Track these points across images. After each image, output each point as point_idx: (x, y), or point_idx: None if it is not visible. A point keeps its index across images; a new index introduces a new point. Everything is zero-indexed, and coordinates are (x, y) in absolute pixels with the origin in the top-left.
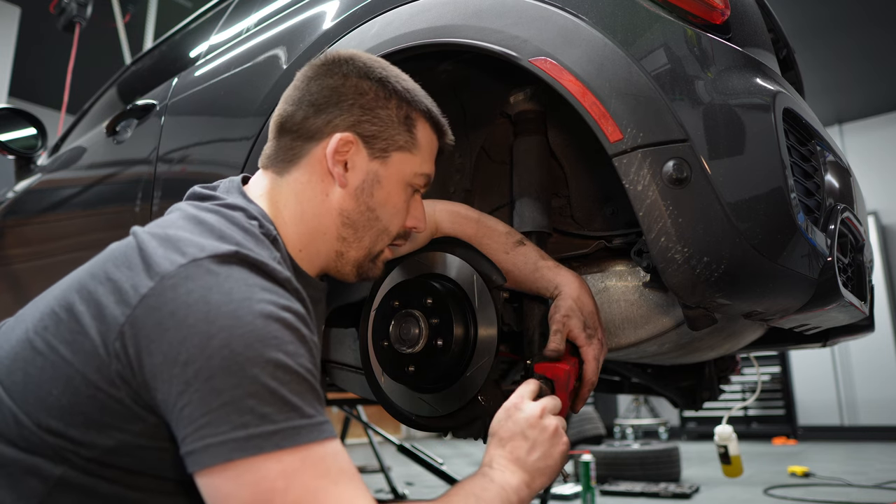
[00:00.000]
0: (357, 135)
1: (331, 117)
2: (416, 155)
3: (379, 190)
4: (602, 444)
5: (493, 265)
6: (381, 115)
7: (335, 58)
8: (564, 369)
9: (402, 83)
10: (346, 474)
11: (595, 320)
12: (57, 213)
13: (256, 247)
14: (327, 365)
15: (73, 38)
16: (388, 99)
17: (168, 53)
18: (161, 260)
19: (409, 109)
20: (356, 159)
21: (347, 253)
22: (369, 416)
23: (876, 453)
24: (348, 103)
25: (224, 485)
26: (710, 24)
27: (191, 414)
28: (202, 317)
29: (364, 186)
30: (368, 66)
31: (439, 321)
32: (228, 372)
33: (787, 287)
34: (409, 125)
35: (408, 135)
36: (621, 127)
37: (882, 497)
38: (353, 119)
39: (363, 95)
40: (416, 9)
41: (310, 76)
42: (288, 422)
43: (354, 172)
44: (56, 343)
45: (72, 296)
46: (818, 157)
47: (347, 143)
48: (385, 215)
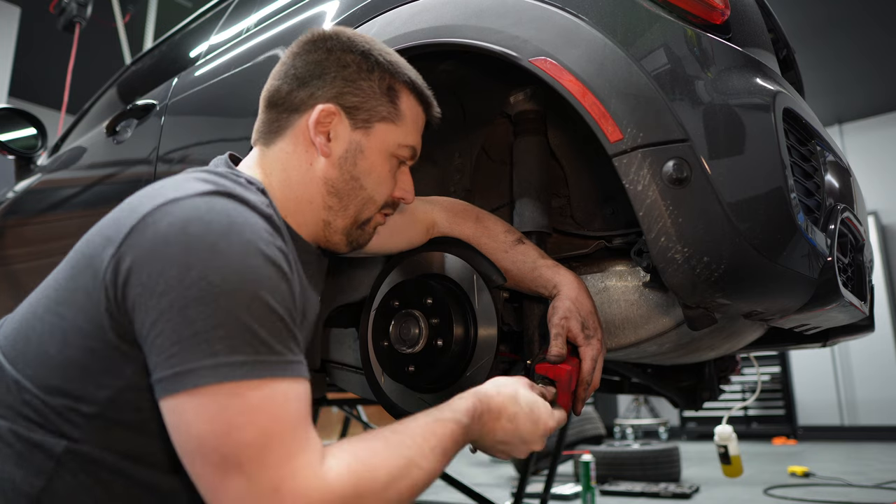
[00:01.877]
0: (339, 106)
1: (314, 90)
2: (400, 126)
3: (362, 160)
4: (602, 444)
5: (492, 265)
6: (363, 87)
7: (320, 34)
8: (566, 370)
9: (385, 56)
10: (302, 422)
11: (593, 320)
12: (57, 213)
13: (244, 191)
14: (327, 365)
15: (73, 38)
16: (371, 71)
17: (168, 53)
18: (144, 203)
19: (392, 80)
20: (339, 129)
21: (334, 222)
22: (369, 416)
23: (876, 453)
24: (331, 76)
25: (186, 412)
26: (710, 24)
27: (162, 343)
28: (182, 248)
29: (347, 156)
30: (352, 40)
31: (439, 321)
32: (203, 302)
33: (787, 287)
34: (392, 96)
35: (391, 105)
36: (621, 127)
37: (882, 497)
38: (336, 91)
39: (346, 68)
40: (416, 9)
41: (295, 52)
42: (257, 355)
43: (337, 142)
44: (54, 307)
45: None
46: (818, 157)
47: (330, 114)
48: (369, 184)
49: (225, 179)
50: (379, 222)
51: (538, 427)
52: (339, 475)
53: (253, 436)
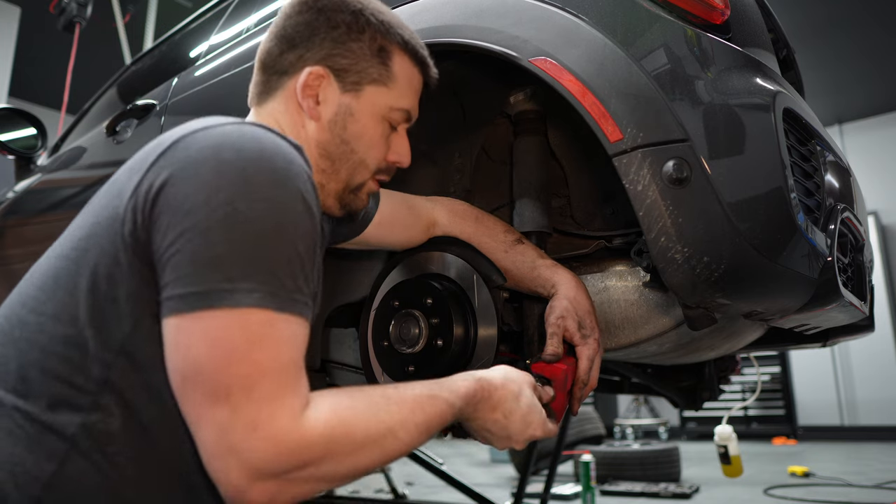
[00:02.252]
0: (328, 68)
1: (303, 51)
2: (392, 88)
3: (353, 123)
4: (602, 444)
5: (492, 265)
6: (353, 48)
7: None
8: (562, 369)
9: (378, 15)
10: (295, 364)
11: (591, 320)
12: (57, 213)
13: None
14: (327, 365)
15: (73, 38)
16: (361, 31)
17: (168, 53)
18: (174, 133)
19: (384, 41)
20: (327, 92)
21: (327, 185)
22: None
23: (876, 453)
24: (320, 37)
25: (190, 334)
26: (710, 24)
27: (178, 261)
28: (213, 171)
29: (337, 119)
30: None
31: (439, 321)
32: (226, 227)
33: (786, 287)
34: (384, 57)
35: (382, 67)
36: (621, 127)
37: (882, 497)
38: (324, 52)
39: (335, 29)
40: (416, 9)
41: (287, 13)
42: (270, 287)
43: (326, 105)
44: (81, 244)
45: (90, 207)
46: (818, 157)
47: (318, 77)
48: (360, 148)
49: None
50: (372, 188)
51: (527, 430)
52: (315, 427)
53: (248, 369)
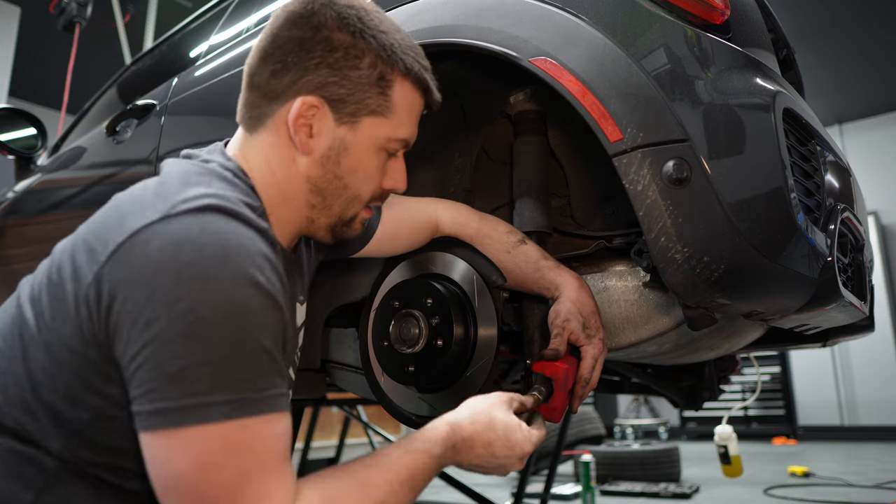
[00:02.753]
0: (323, 98)
1: (296, 77)
2: (391, 119)
3: (347, 157)
4: (602, 444)
5: (493, 265)
6: (351, 76)
7: (307, 4)
8: (563, 368)
9: (380, 37)
10: (279, 460)
11: (595, 320)
12: (57, 213)
13: (233, 192)
14: (327, 365)
15: (73, 38)
16: (360, 57)
17: (168, 53)
18: (132, 217)
19: (385, 68)
20: (322, 125)
21: (318, 219)
22: (369, 416)
23: (876, 453)
24: (315, 62)
25: (164, 450)
26: (710, 24)
27: (142, 376)
28: (172, 276)
29: (330, 154)
30: (343, 15)
31: (439, 321)
32: (189, 337)
33: (787, 287)
34: (384, 86)
35: (381, 97)
36: (621, 127)
37: (882, 497)
38: (320, 80)
39: (332, 52)
40: (416, 9)
41: (279, 25)
42: (240, 394)
43: (320, 139)
44: (43, 310)
45: (55, 264)
46: (818, 157)
47: (312, 108)
48: (354, 182)
49: (216, 178)
50: (364, 217)
51: (514, 451)
52: None
53: (231, 476)
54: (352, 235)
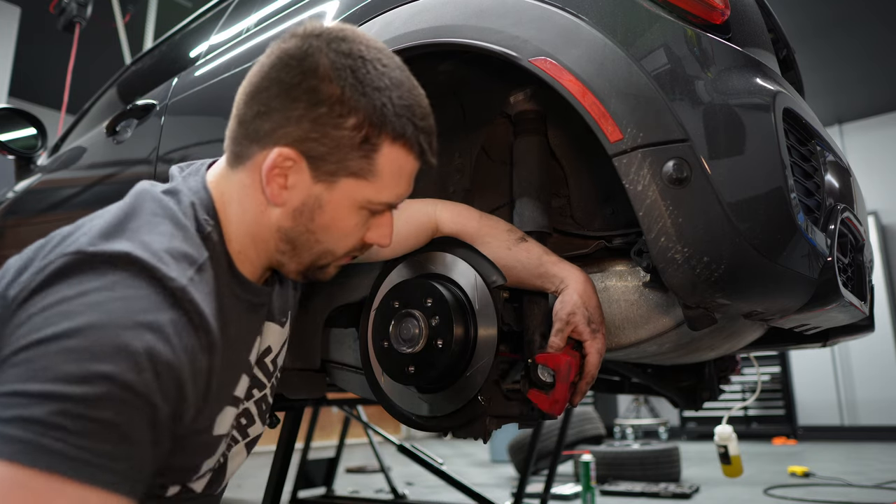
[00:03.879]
0: (301, 153)
1: (276, 125)
2: (373, 182)
3: (321, 214)
4: (602, 444)
5: (493, 265)
6: (333, 136)
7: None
8: (565, 360)
9: (372, 95)
10: None
11: (599, 315)
12: (57, 213)
13: (171, 242)
14: (327, 365)
15: (73, 38)
16: (345, 116)
17: (168, 53)
18: (55, 246)
19: (371, 131)
20: (297, 178)
21: (288, 264)
22: (369, 416)
23: (876, 453)
24: (298, 113)
25: None
26: (710, 24)
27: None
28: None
29: (304, 209)
30: (337, 65)
31: (439, 321)
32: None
33: (787, 287)
34: (368, 150)
35: (364, 160)
36: (621, 127)
37: (882, 497)
38: (300, 134)
39: (317, 106)
40: (417, 9)
41: (273, 61)
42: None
43: (294, 192)
44: None
45: None
46: (818, 157)
47: (288, 160)
48: (328, 239)
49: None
50: (340, 264)
51: None
52: None
53: None
54: (325, 279)
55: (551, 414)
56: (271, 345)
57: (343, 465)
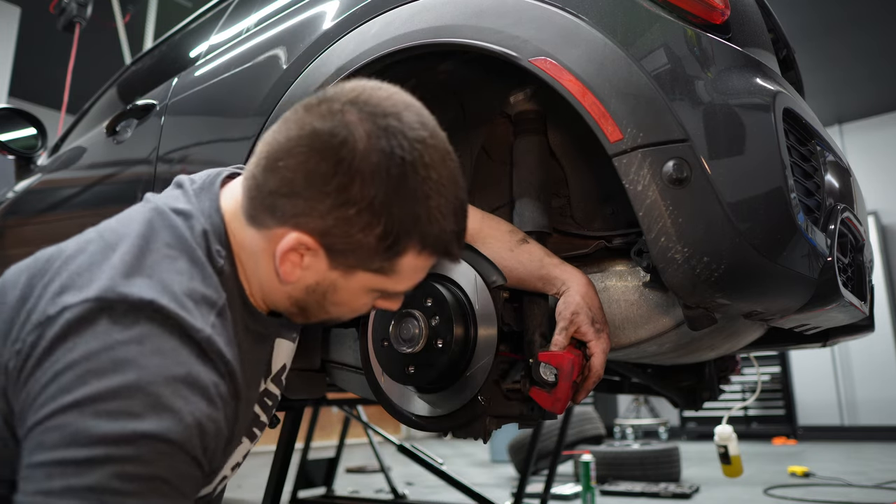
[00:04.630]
0: (321, 244)
1: (298, 211)
2: (391, 278)
3: (333, 294)
4: (602, 444)
5: (493, 265)
6: (358, 239)
7: (341, 128)
8: (569, 358)
9: (406, 206)
10: None
11: (601, 315)
12: (57, 213)
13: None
14: (327, 365)
15: (73, 38)
16: (375, 225)
17: (168, 53)
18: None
19: (399, 241)
20: (313, 261)
21: (295, 318)
22: (369, 416)
23: (876, 453)
24: (324, 207)
25: None
26: (710, 24)
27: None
28: (88, 396)
29: (317, 288)
30: (373, 164)
31: (439, 321)
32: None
33: (787, 287)
34: (391, 255)
35: (385, 262)
36: (621, 127)
37: (882, 497)
38: (323, 227)
39: (345, 207)
40: (417, 9)
41: (303, 136)
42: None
43: (308, 273)
44: None
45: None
46: (818, 157)
47: (305, 246)
48: (338, 311)
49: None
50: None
51: None
52: None
53: None
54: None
55: (552, 412)
56: (286, 362)
57: (343, 465)
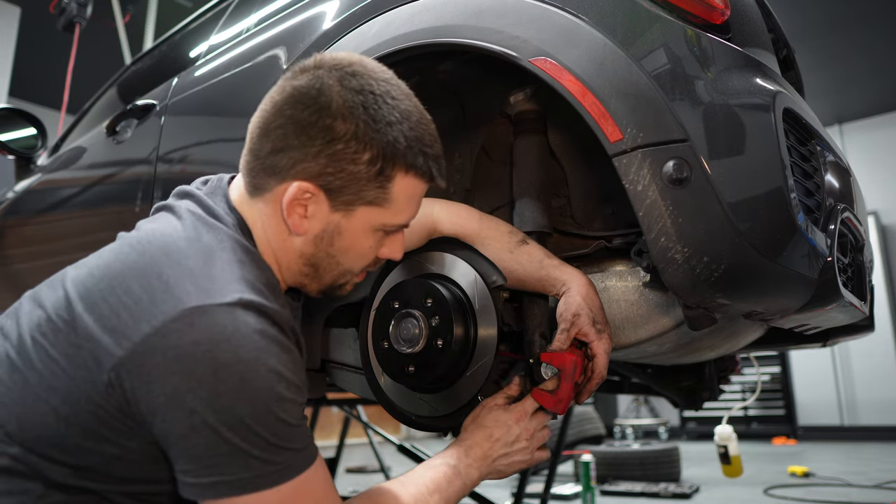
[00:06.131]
0: (319, 186)
1: (294, 161)
2: (388, 208)
3: (340, 240)
4: (602, 444)
5: (492, 265)
6: (350, 170)
7: (315, 81)
8: (571, 359)
9: (385, 131)
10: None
11: (602, 316)
12: (57, 213)
13: (256, 273)
14: (327, 365)
15: (73, 38)
16: (361, 152)
17: (168, 53)
18: (166, 297)
19: (386, 164)
20: (316, 208)
21: (310, 285)
22: (369, 416)
23: (876, 453)
24: (315, 149)
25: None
26: (710, 24)
27: (197, 454)
28: (210, 373)
29: (324, 236)
30: (350, 103)
31: (439, 321)
32: (234, 428)
33: (787, 287)
34: (383, 181)
35: (379, 190)
36: (621, 127)
37: (882, 497)
38: (318, 169)
39: (333, 143)
40: (416, 9)
41: (285, 98)
42: (285, 461)
43: (314, 221)
44: (55, 353)
45: (75, 303)
46: (818, 157)
47: (307, 193)
48: (347, 260)
49: (242, 258)
50: (357, 281)
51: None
52: None
53: None
54: (344, 293)
55: (554, 413)
56: None
57: (343, 465)
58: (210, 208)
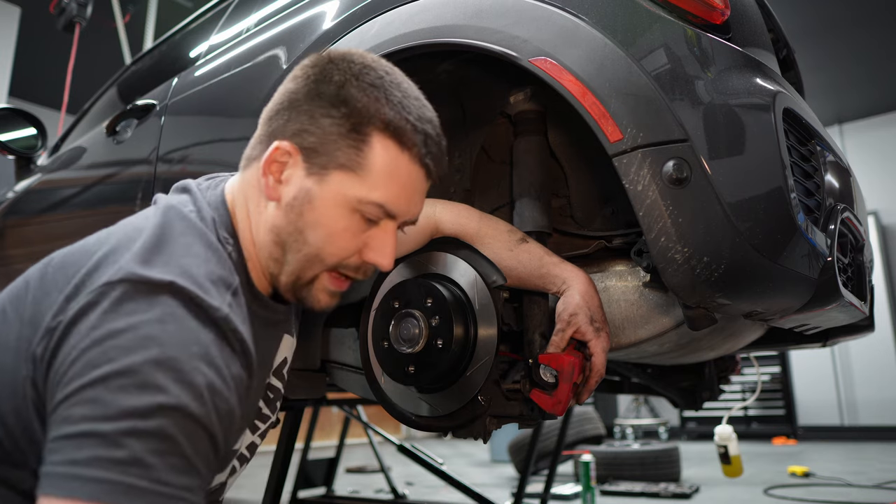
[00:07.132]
0: (297, 146)
1: (282, 122)
2: (363, 178)
3: (310, 210)
4: (602, 444)
5: (492, 265)
6: (324, 125)
7: (317, 61)
8: (569, 360)
9: (369, 90)
10: None
11: (601, 314)
12: (57, 213)
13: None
14: (327, 365)
15: (73, 38)
16: (337, 106)
17: (168, 53)
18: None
19: (360, 120)
20: (292, 172)
21: (278, 276)
22: (369, 416)
23: (876, 453)
24: (299, 109)
25: None
26: (710, 24)
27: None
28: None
29: (294, 204)
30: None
31: (439, 321)
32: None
33: (787, 287)
34: (358, 140)
35: (352, 151)
36: (621, 127)
37: (882, 497)
38: (298, 126)
39: (314, 100)
40: (416, 9)
41: (293, 74)
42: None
43: (289, 186)
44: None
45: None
46: (818, 157)
47: (285, 154)
48: (315, 239)
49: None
50: (329, 288)
51: None
52: None
53: None
54: (315, 305)
55: (553, 414)
56: (287, 356)
57: (343, 465)
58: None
